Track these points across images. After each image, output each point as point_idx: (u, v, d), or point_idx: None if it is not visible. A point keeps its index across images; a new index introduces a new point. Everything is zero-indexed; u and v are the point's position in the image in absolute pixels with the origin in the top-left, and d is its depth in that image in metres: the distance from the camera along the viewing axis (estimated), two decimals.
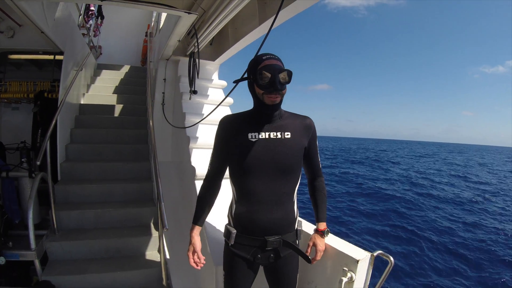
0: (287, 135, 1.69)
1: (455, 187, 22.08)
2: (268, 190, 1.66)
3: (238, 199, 1.74)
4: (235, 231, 1.74)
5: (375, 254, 1.68)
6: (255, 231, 1.70)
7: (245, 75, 1.72)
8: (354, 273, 1.71)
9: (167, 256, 3.21)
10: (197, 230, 1.83)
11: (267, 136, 1.67)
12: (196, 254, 1.80)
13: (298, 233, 1.81)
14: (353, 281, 1.71)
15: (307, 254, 1.84)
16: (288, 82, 1.58)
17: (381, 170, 30.41)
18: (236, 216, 1.75)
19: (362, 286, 1.75)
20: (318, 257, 1.83)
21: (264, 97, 1.59)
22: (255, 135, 1.66)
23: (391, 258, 1.58)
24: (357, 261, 1.70)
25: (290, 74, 1.57)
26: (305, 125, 1.77)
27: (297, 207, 1.80)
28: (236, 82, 1.80)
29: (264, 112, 1.67)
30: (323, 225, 1.86)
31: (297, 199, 1.79)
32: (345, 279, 1.72)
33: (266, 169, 1.65)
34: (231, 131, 1.71)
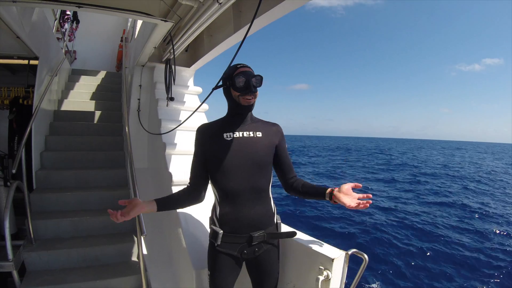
0: (259, 134, 1.90)
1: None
2: (248, 187, 1.81)
3: (220, 200, 1.85)
4: (221, 231, 1.84)
5: (349, 252, 1.75)
6: (241, 229, 1.83)
7: (220, 83, 1.89)
8: (330, 271, 1.77)
9: (147, 263, 3.20)
10: (151, 203, 1.86)
11: (241, 135, 1.86)
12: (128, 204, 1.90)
13: (278, 226, 1.97)
14: (330, 279, 1.77)
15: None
16: (260, 85, 1.81)
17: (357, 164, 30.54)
18: (221, 216, 1.85)
19: (339, 283, 1.81)
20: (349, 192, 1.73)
21: (240, 98, 1.80)
22: (229, 135, 1.85)
23: (365, 256, 1.65)
24: (332, 260, 1.76)
25: (260, 78, 1.79)
26: (274, 129, 1.99)
27: (274, 204, 1.97)
28: (214, 88, 1.93)
29: (240, 112, 1.87)
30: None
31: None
32: (321, 278, 1.78)
33: (243, 164, 1.81)
34: (208, 135, 1.87)
